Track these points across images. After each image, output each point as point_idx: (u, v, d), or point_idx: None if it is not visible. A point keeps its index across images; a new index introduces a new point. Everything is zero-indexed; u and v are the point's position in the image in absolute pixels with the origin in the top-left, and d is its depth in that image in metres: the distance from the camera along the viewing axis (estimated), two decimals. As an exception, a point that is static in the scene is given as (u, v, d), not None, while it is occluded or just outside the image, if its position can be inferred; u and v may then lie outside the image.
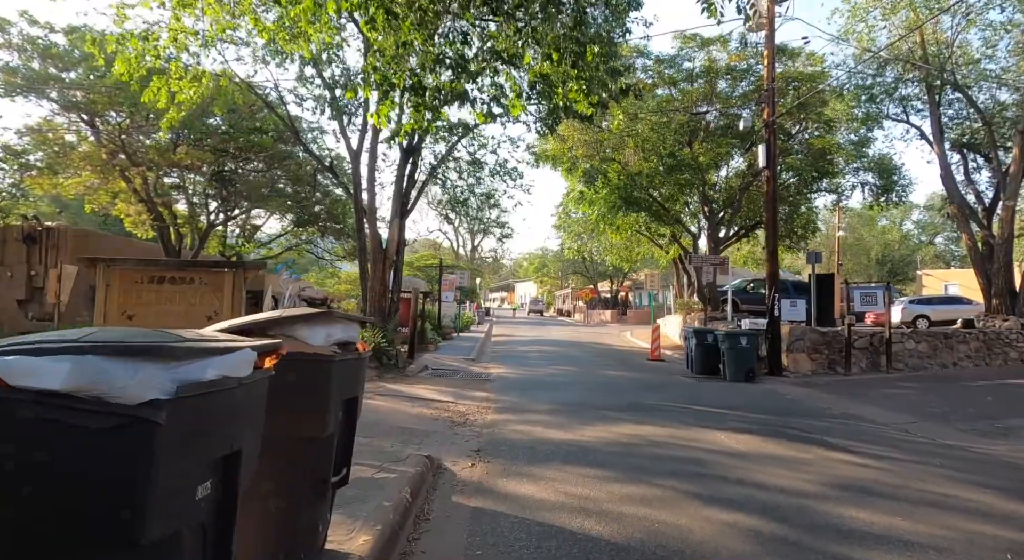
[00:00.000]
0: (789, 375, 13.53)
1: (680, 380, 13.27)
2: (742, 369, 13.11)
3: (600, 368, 15.49)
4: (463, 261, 63.19)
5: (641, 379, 13.26)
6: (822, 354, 13.79)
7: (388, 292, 13.88)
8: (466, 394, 10.44)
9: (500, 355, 18.80)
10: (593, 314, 51.36)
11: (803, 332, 13.83)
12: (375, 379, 11.72)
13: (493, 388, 11.31)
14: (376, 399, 9.27)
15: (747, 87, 19.76)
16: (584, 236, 30.90)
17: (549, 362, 16.78)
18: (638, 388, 11.77)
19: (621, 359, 18.48)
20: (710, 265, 19.02)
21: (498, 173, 16.11)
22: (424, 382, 11.82)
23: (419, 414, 8.34)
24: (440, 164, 15.28)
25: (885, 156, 25.51)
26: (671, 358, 18.80)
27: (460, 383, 11.91)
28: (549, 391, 11.03)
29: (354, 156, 13.01)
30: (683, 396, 10.82)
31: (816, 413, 9.19)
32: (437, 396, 10.00)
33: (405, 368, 13.17)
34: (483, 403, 9.51)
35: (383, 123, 6.31)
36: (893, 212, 71.47)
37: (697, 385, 12.44)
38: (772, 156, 13.79)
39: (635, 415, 8.61)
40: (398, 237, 14.13)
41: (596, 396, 10.52)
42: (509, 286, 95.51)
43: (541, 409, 9.05)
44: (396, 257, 14.38)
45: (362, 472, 5.01)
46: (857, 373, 13.60)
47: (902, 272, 66.15)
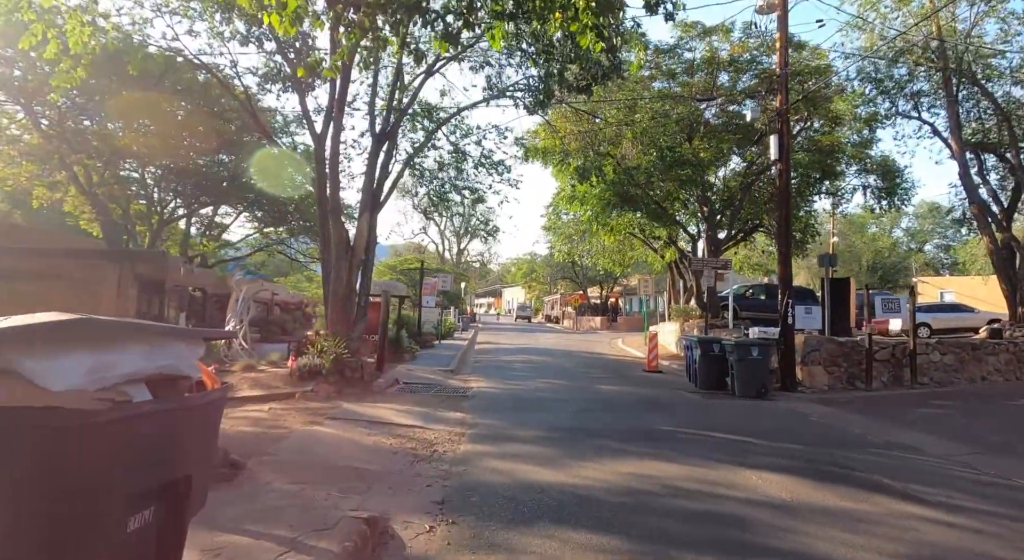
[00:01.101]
0: (804, 390, 12.08)
1: (684, 396, 11.77)
2: (753, 384, 11.64)
3: (593, 381, 13.96)
4: (448, 265, 61.57)
5: (641, 395, 11.74)
6: (840, 367, 12.36)
7: (355, 295, 12.25)
8: (438, 415, 8.84)
9: (483, 365, 17.20)
10: (582, 320, 49.91)
11: (819, 342, 12.39)
12: (333, 396, 10.09)
13: (471, 407, 9.72)
14: (325, 424, 7.64)
15: (750, 81, 18.42)
16: (575, 238, 29.46)
17: (536, 374, 15.21)
18: (639, 407, 10.24)
19: (615, 370, 16.96)
20: (711, 268, 17.58)
21: (483, 164, 14.57)
22: (391, 400, 10.20)
23: (375, 445, 6.73)
24: (418, 152, 13.70)
25: (888, 157, 24.38)
26: (669, 369, 17.31)
27: (434, 401, 10.31)
28: (536, 411, 9.46)
29: (318, 139, 11.40)
30: (693, 418, 9.30)
31: (855, 442, 7.70)
32: (403, 419, 8.39)
33: (371, 382, 11.53)
34: (457, 428, 7.92)
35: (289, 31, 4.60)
36: (883, 219, 71.16)
37: (705, 403, 10.94)
38: (785, 148, 12.38)
39: (642, 445, 7.07)
40: (368, 233, 12.52)
41: (592, 418, 8.97)
42: (496, 291, 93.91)
43: (527, 437, 7.48)
44: (365, 256, 12.76)
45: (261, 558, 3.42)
46: (879, 388, 12.18)
47: (893, 279, 65.65)
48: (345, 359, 11.07)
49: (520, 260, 71.12)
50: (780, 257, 12.60)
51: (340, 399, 10.02)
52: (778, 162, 12.47)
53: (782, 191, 12.59)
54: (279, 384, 10.65)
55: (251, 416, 8.22)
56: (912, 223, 77.59)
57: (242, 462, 5.26)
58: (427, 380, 12.97)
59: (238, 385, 10.47)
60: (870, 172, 24.08)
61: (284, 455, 5.80)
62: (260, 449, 5.96)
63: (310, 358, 11.03)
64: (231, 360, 12.56)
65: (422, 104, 13.50)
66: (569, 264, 54.93)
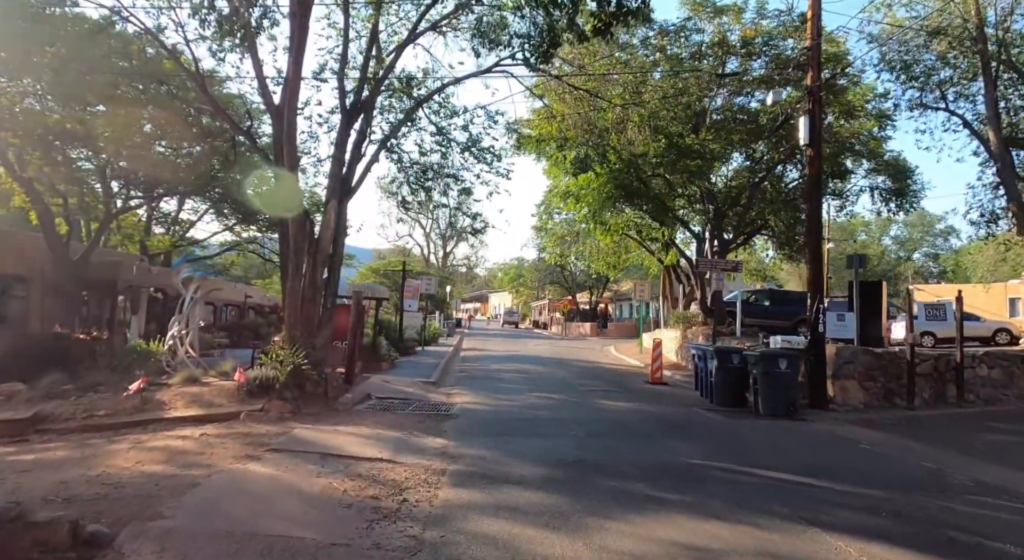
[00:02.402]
0: (837, 408, 10.53)
1: (702, 415, 10.15)
2: (780, 401, 10.08)
3: (593, 395, 12.30)
4: (433, 269, 59.77)
5: (651, 414, 10.10)
6: (876, 382, 10.83)
7: (319, 295, 10.50)
8: (414, 443, 7.12)
9: (469, 376, 15.48)
10: (571, 327, 48.32)
11: (853, 354, 10.85)
12: (286, 417, 8.34)
13: (455, 430, 8.01)
14: (263, 460, 5.88)
15: (762, 67, 16.96)
16: (568, 239, 27.88)
17: (529, 386, 13.53)
18: (654, 429, 8.60)
19: (615, 381, 15.33)
20: (719, 270, 16.04)
21: (470, 149, 12.89)
22: (358, 421, 8.46)
23: (324, 493, 5.00)
24: (396, 131, 11.98)
25: (899, 156, 23.09)
26: (674, 381, 15.73)
27: (410, 422, 8.58)
28: (533, 436, 7.78)
29: (275, 112, 9.68)
30: (722, 445, 7.68)
31: (938, 483, 6.11)
32: (368, 448, 6.66)
33: (337, 398, 9.78)
34: (436, 461, 6.22)
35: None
36: (872, 226, 70.74)
37: (728, 424, 9.32)
38: (817, 131, 10.87)
39: (674, 489, 5.41)
40: (335, 224, 10.78)
41: (602, 446, 7.30)
42: (483, 296, 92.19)
43: (524, 476, 5.78)
44: (333, 250, 11.02)
45: None
46: (921, 406, 10.66)
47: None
48: (305, 371, 9.31)
49: (507, 265, 69.48)
50: (810, 256, 11.06)
51: (295, 420, 8.26)
52: (808, 147, 10.95)
53: (812, 181, 11.06)
54: (223, 401, 8.85)
55: (171, 446, 6.44)
56: (901, 231, 77.48)
57: (107, 536, 3.52)
58: (404, 394, 11.24)
59: (171, 403, 8.68)
60: (879, 172, 22.80)
61: (182, 518, 4.05)
62: (150, 507, 4.21)
63: (262, 370, 9.26)
64: (175, 370, 10.72)
65: (402, 75, 11.83)
66: (558, 269, 53.41)
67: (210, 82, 12.83)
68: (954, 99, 16.20)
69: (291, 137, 9.25)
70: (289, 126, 9.22)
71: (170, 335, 11.34)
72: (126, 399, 8.69)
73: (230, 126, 11.20)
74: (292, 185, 9.44)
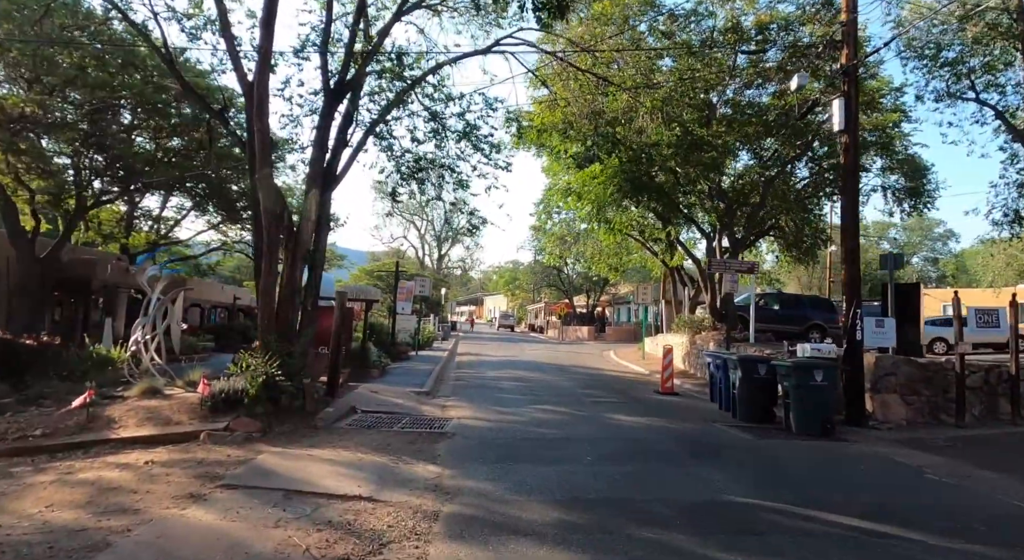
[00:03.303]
0: (878, 425, 9.44)
1: (726, 432, 9.04)
2: (816, 417, 8.97)
3: (602, 407, 11.17)
4: (428, 271, 58.60)
5: (671, 430, 8.98)
6: (919, 395, 9.74)
7: (298, 296, 9.34)
8: (400, 473, 5.97)
9: (465, 385, 14.32)
10: (568, 330, 47.24)
11: (894, 365, 9.76)
12: (254, 437, 7.17)
13: (450, 454, 6.86)
14: (210, 500, 4.71)
15: (779, 55, 15.89)
16: (568, 240, 26.75)
17: (530, 397, 12.38)
18: (680, 451, 7.47)
19: (622, 391, 14.21)
20: (733, 272, 14.96)
21: (468, 136, 11.75)
22: (338, 442, 7.29)
23: (278, 554, 3.83)
24: (385, 114, 10.80)
25: (915, 154, 22.06)
26: (686, 391, 14.63)
27: (398, 443, 7.43)
28: (541, 462, 6.63)
29: (248, 90, 8.53)
30: (766, 474, 6.54)
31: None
32: (344, 481, 5.50)
33: (317, 413, 8.61)
34: (427, 499, 5.07)
35: None
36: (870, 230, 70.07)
37: (761, 445, 8.20)
38: (853, 114, 9.79)
39: (733, 547, 4.26)
40: (317, 215, 9.63)
41: (624, 474, 6.16)
42: (478, 299, 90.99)
43: (536, 523, 4.62)
44: (315, 246, 9.86)
45: None
46: (972, 423, 9.57)
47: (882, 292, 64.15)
48: (279, 383, 8.15)
49: (503, 268, 68.37)
50: (846, 255, 9.96)
51: (264, 441, 7.10)
52: (843, 134, 9.86)
53: (848, 170, 9.97)
54: (183, 418, 7.67)
55: (103, 479, 5.27)
56: (899, 235, 76.85)
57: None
58: (393, 407, 10.07)
59: (122, 420, 7.49)
60: (893, 170, 21.79)
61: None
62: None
63: (230, 381, 8.08)
64: (138, 380, 9.50)
65: (392, 52, 10.68)
66: (554, 271, 52.32)
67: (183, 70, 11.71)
68: (983, 89, 15.18)
69: (262, 113, 8.10)
70: (260, 100, 8.08)
71: (133, 340, 10.14)
72: (68, 415, 7.50)
73: (200, 107, 10.05)
74: (264, 165, 8.27)
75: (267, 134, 8.24)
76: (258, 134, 8.07)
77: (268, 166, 8.32)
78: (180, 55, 14.39)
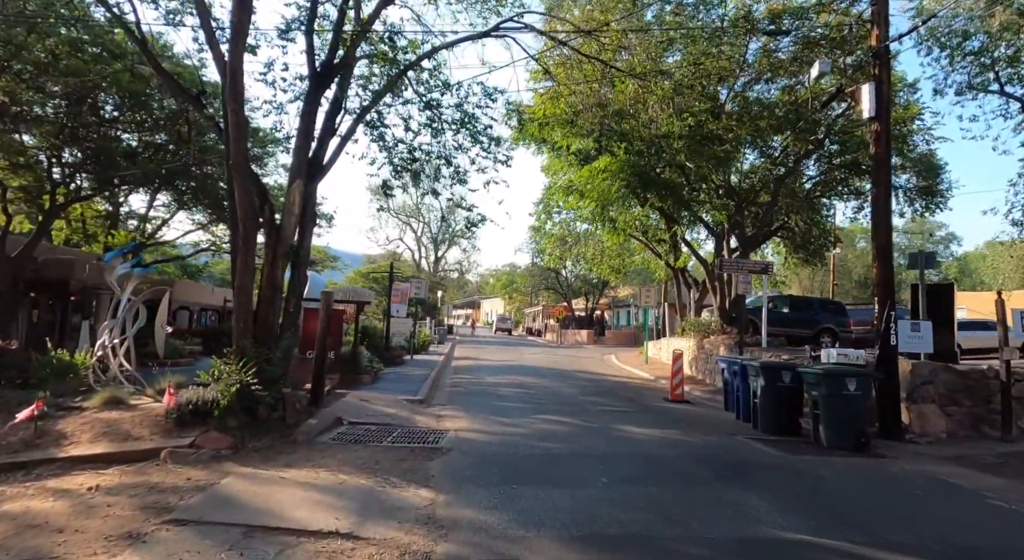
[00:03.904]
0: (915, 439, 8.62)
1: (751, 447, 8.21)
2: (849, 430, 8.16)
3: (611, 416, 10.33)
4: (425, 274, 57.75)
5: (690, 445, 8.14)
6: (960, 406, 8.94)
7: (279, 297, 8.48)
8: (387, 499, 5.11)
9: (462, 391, 13.48)
10: (567, 334, 46.42)
11: (933, 372, 8.95)
12: (223, 455, 6.32)
13: (444, 475, 6.02)
14: (147, 544, 3.84)
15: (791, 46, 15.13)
16: (569, 240, 25.93)
17: (532, 405, 11.54)
18: (706, 471, 6.63)
19: (629, 398, 13.38)
20: (746, 272, 14.15)
21: (465, 125, 10.92)
22: (318, 459, 6.44)
23: (223, 621, 2.98)
24: (377, 101, 9.96)
25: (930, 152, 21.33)
26: (696, 398, 13.81)
27: (387, 460, 6.58)
28: (550, 484, 5.79)
29: (221, 65, 7.69)
30: (808, 499, 5.71)
31: None
32: (319, 511, 4.65)
33: (298, 425, 7.75)
34: (416, 536, 4.23)
35: None
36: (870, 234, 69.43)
37: (793, 462, 7.37)
38: (885, 99, 9.01)
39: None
40: (301, 209, 8.78)
41: (646, 500, 5.32)
42: (475, 303, 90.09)
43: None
44: (299, 242, 9.02)
45: None
46: (1020, 437, 8.75)
47: (885, 295, 63.53)
48: (255, 392, 7.29)
49: (500, 271, 67.52)
50: (878, 252, 9.16)
51: (234, 459, 6.24)
52: (873, 121, 9.07)
53: (880, 160, 9.17)
54: (144, 432, 6.81)
55: (31, 511, 4.42)
56: (900, 238, 76.27)
57: None
58: (384, 417, 9.21)
59: (74, 435, 6.62)
60: (905, 169, 21.06)
61: None
62: None
63: (199, 391, 7.22)
64: (103, 387, 8.62)
65: (384, 31, 9.85)
66: (553, 274, 51.49)
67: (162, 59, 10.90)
68: (1006, 81, 14.44)
69: (235, 91, 7.26)
70: (233, 76, 7.24)
71: (99, 344, 9.27)
72: (13, 430, 6.63)
73: (175, 91, 9.21)
74: (239, 150, 7.42)
75: (241, 115, 7.41)
76: (231, 114, 7.24)
77: (243, 150, 7.47)
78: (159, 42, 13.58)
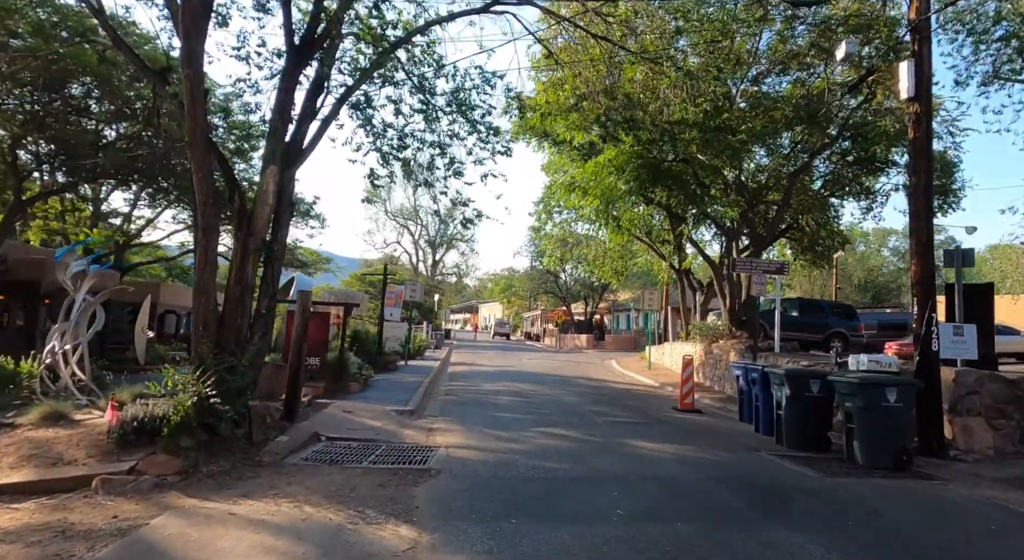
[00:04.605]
0: (962, 456, 7.69)
1: (782, 466, 7.26)
2: (889, 447, 7.24)
3: (619, 429, 9.37)
4: (422, 278, 56.82)
5: (711, 464, 7.19)
6: (1010, 419, 8.01)
7: (250, 296, 7.52)
8: (356, 545, 4.14)
9: (456, 400, 12.52)
10: (566, 338, 45.52)
11: (979, 381, 8.03)
12: (167, 484, 5.35)
13: (431, 506, 5.05)
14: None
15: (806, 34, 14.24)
16: (570, 241, 24.99)
17: (533, 416, 10.59)
18: (738, 501, 5.68)
19: (636, 408, 12.44)
20: (761, 272, 13.24)
21: (462, 109, 9.99)
22: (283, 486, 5.46)
23: None
24: (364, 80, 9.03)
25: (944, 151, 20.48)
26: (707, 406, 12.91)
27: (365, 486, 5.61)
28: (557, 519, 4.83)
29: (178, 28, 6.75)
30: (885, 548, 4.75)
31: None
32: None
33: (267, 443, 6.78)
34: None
35: None
36: (870, 237, 68.79)
37: (837, 486, 6.42)
38: (926, 78, 8.11)
39: None
40: (276, 198, 7.83)
41: (675, 543, 4.36)
42: (473, 307, 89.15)
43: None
44: (273, 236, 8.06)
45: None
46: (1077, 454, 7.83)
47: (887, 298, 63.04)
48: (214, 406, 6.31)
49: (498, 276, 66.59)
50: (918, 247, 8.24)
51: (179, 489, 5.26)
52: (913, 102, 8.17)
53: (918, 147, 8.27)
54: (80, 455, 5.83)
55: None
56: (900, 242, 75.59)
57: None
58: (367, 432, 8.24)
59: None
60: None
61: None
62: None
63: (147, 406, 6.24)
64: (46, 400, 7.62)
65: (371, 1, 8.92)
66: (552, 278, 50.58)
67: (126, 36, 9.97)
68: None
69: (191, 54, 6.30)
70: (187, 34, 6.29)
71: (48, 350, 8.29)
72: (-77, 452, 5.66)
73: (136, 65, 8.28)
74: (196, 123, 6.46)
75: (198, 82, 6.46)
76: (186, 81, 6.30)
77: (201, 123, 6.51)
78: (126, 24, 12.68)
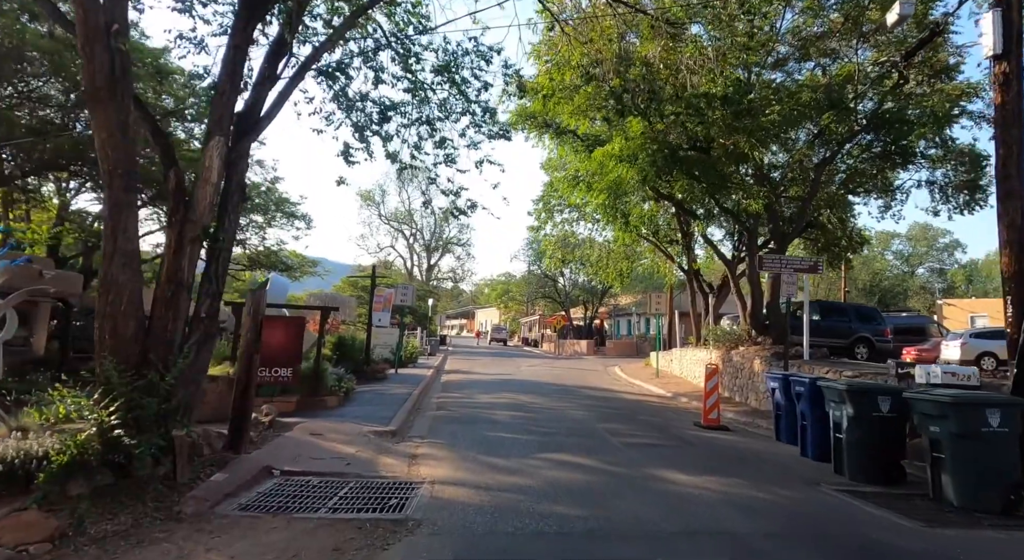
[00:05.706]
0: (1074, 493, 6.16)
1: (858, 508, 5.74)
2: (993, 485, 5.74)
3: (641, 455, 7.82)
4: (417, 283, 55.26)
5: (774, 508, 5.66)
6: None
7: (182, 298, 5.97)
8: None
9: (447, 417, 10.95)
10: (565, 344, 43.90)
11: (1088, 398, 6.51)
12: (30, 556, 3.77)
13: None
14: None
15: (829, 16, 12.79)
16: (572, 241, 23.53)
17: (536, 436, 9.03)
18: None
19: (653, 424, 10.89)
20: (792, 270, 11.75)
21: (454, 80, 8.48)
22: (198, 557, 3.91)
23: None
24: (332, 44, 7.54)
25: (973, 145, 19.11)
26: (731, 421, 11.41)
27: (311, 552, 4.05)
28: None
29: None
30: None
31: None
32: None
33: (195, 484, 5.21)
34: None
35: None
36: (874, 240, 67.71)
37: (937, 539, 4.90)
38: (1016, 30, 6.65)
39: None
40: (221, 176, 6.30)
41: None
42: (469, 312, 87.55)
43: None
44: (218, 222, 6.51)
45: None
46: None
47: (892, 302, 61.94)
48: (119, 439, 4.76)
49: (495, 281, 65.08)
50: (1009, 235, 6.73)
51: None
52: (1000, 61, 6.70)
53: (1006, 114, 6.78)
54: (-76, 508, 4.26)
55: None
56: (903, 245, 74.48)
57: None
58: (335, 461, 6.67)
59: None
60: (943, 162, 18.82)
61: None
62: None
63: (23, 440, 4.68)
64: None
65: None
66: (550, 282, 49.13)
67: None
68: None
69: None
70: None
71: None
72: None
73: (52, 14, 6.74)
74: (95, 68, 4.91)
75: (95, 13, 4.94)
76: (79, 10, 4.77)
77: (104, 66, 4.98)
78: None
